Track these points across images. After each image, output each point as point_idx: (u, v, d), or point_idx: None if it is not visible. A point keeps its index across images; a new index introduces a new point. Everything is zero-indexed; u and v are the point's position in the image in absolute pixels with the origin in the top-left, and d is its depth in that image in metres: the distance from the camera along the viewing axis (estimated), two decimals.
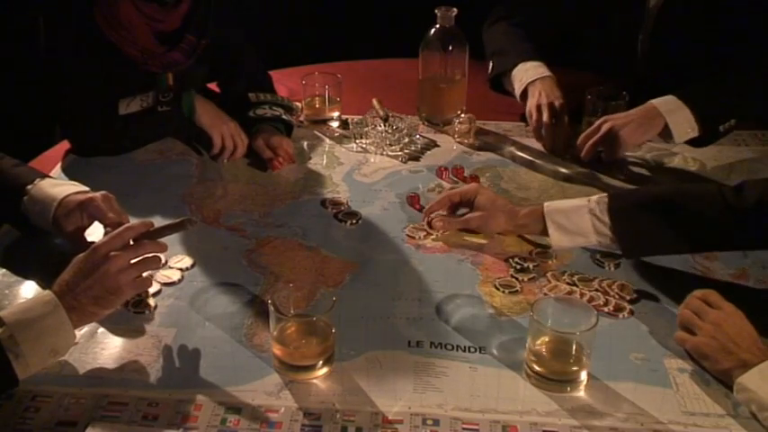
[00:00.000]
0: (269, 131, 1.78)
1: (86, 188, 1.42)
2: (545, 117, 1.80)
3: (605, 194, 1.39)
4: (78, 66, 1.70)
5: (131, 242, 1.22)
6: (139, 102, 1.71)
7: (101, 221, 1.36)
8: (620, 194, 1.44)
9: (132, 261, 1.20)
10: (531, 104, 1.84)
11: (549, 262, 1.43)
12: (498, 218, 1.44)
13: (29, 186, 1.41)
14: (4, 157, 1.48)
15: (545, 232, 1.40)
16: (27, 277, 1.36)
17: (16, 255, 1.43)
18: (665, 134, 1.73)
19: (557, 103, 1.80)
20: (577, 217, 1.37)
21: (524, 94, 1.88)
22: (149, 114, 1.71)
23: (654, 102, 1.74)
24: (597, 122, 1.74)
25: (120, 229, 1.23)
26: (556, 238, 1.39)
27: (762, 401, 1.08)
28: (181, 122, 1.75)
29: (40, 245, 1.43)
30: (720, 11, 1.83)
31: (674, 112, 1.72)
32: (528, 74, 1.89)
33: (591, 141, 1.73)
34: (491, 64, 2.01)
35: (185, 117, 1.73)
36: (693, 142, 1.78)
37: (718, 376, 1.16)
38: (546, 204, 1.41)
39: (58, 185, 1.42)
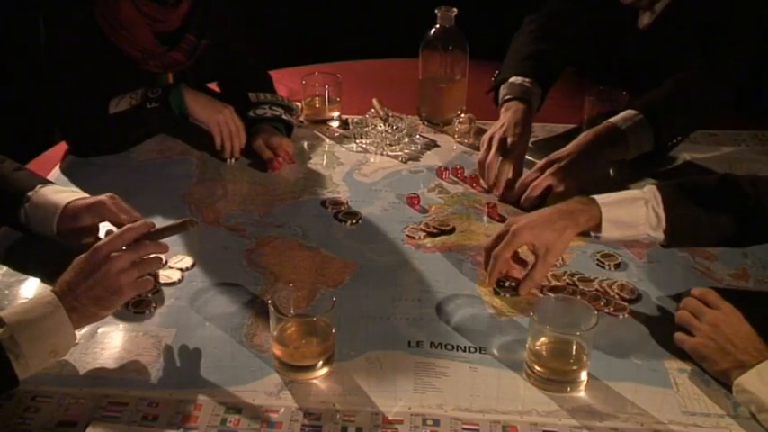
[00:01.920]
0: (269, 131, 1.78)
1: (87, 195, 1.41)
2: (492, 151, 1.66)
3: (655, 185, 1.35)
4: (76, 65, 1.70)
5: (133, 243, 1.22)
6: (129, 100, 1.69)
7: (114, 223, 1.34)
8: (672, 184, 1.39)
9: (133, 261, 1.20)
10: (486, 134, 1.72)
11: None
12: (563, 235, 1.33)
13: (30, 193, 1.39)
14: (6, 161, 1.47)
15: (597, 228, 1.34)
16: (29, 274, 1.36)
17: (17, 254, 1.43)
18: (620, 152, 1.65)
19: (509, 140, 1.67)
20: (634, 208, 1.33)
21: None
22: (138, 111, 1.69)
23: (613, 120, 1.64)
24: (540, 164, 1.61)
25: (122, 229, 1.23)
26: (608, 231, 1.33)
27: (761, 402, 1.08)
28: (171, 118, 1.71)
29: (41, 245, 1.42)
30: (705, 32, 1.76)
31: (637, 131, 1.63)
32: (512, 88, 1.79)
33: (533, 185, 1.58)
34: (496, 72, 1.93)
35: (175, 113, 1.70)
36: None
37: (716, 377, 1.16)
38: (597, 198, 1.35)
39: (60, 192, 1.41)
